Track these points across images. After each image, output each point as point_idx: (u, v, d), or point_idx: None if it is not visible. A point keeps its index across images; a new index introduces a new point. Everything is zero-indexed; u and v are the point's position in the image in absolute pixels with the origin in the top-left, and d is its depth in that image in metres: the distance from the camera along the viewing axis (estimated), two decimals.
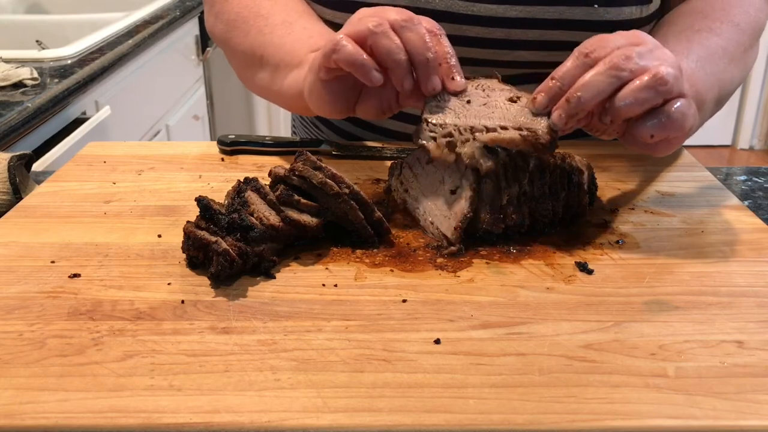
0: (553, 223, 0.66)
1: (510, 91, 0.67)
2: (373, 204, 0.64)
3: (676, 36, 0.77)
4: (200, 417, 0.44)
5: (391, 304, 0.56)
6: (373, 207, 0.64)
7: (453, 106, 0.64)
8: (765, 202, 0.78)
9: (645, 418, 0.44)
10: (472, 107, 0.64)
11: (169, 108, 1.95)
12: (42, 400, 0.45)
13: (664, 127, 0.59)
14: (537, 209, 0.65)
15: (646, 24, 0.82)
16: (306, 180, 0.63)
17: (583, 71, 0.59)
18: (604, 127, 0.61)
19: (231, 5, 0.85)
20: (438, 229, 0.65)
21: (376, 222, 0.64)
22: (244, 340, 0.51)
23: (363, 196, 0.63)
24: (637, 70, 0.58)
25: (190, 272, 0.60)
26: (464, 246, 0.64)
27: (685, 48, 0.74)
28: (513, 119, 0.62)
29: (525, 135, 0.60)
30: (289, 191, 0.63)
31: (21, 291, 0.58)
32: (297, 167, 0.63)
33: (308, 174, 0.63)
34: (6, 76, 1.28)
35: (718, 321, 0.54)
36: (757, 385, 0.47)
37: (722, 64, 0.75)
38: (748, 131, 3.66)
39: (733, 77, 0.77)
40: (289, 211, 0.62)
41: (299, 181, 0.63)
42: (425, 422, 0.44)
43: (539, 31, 0.79)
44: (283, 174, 0.64)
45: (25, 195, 0.76)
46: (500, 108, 0.64)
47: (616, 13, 0.79)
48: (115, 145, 0.89)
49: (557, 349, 0.50)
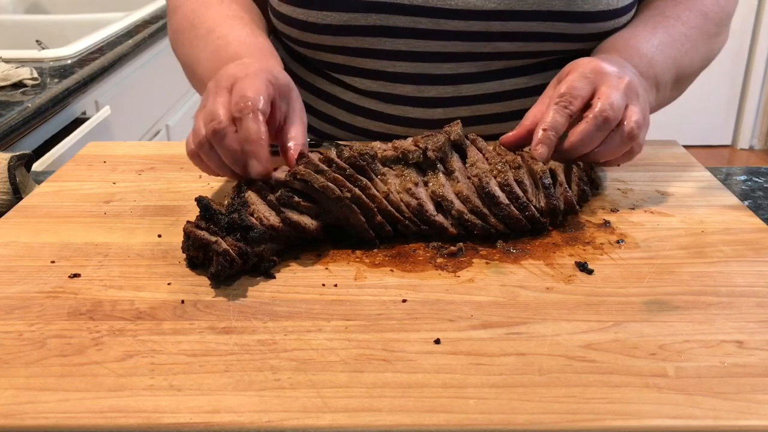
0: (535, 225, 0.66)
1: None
2: (374, 207, 0.64)
3: (645, 21, 0.83)
4: (200, 417, 0.44)
5: (391, 304, 0.56)
6: (374, 210, 0.64)
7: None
8: (765, 202, 0.78)
9: (645, 418, 0.44)
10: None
11: (169, 108, 1.95)
12: (42, 400, 0.45)
13: (629, 157, 0.72)
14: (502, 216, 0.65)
15: (623, 14, 0.83)
16: (308, 184, 0.63)
17: (568, 120, 0.68)
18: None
19: (176, 15, 0.86)
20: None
21: (377, 225, 0.64)
22: (244, 340, 0.51)
23: (365, 200, 0.63)
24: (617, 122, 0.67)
25: (190, 272, 0.60)
26: (464, 246, 0.64)
27: (649, 33, 0.80)
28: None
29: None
30: (289, 193, 0.63)
31: (21, 291, 0.58)
32: (299, 170, 0.63)
33: (310, 178, 0.62)
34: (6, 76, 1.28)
35: (718, 321, 0.54)
36: (757, 385, 0.47)
37: (683, 49, 0.82)
38: (748, 131, 3.66)
39: (693, 62, 0.84)
40: (289, 213, 0.62)
41: (301, 185, 0.63)
42: (425, 422, 0.44)
43: (518, 23, 0.80)
44: (285, 178, 0.64)
45: (25, 195, 0.76)
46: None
47: (594, 4, 0.80)
48: (115, 145, 0.89)
49: (557, 349, 0.50)
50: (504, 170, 0.67)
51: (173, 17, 0.87)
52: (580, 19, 0.79)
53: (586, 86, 0.68)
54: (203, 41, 0.80)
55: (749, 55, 3.52)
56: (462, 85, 0.85)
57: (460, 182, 0.66)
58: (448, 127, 0.70)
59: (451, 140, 0.69)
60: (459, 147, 0.70)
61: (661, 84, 0.79)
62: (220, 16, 0.82)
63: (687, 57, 0.82)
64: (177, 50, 0.87)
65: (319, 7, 0.80)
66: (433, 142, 0.67)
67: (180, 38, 0.85)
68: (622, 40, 0.80)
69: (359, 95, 0.89)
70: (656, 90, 0.79)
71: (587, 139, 0.67)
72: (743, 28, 3.46)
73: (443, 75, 0.84)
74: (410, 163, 0.67)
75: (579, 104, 0.68)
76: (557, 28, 0.80)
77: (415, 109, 0.87)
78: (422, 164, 0.67)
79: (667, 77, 0.80)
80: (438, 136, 0.68)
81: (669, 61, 0.80)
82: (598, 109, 0.66)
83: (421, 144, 0.67)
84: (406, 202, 0.65)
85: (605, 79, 0.68)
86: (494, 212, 0.65)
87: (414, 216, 0.65)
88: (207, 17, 0.82)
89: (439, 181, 0.66)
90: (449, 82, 0.85)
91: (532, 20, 0.79)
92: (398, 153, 0.67)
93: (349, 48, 0.83)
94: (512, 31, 0.80)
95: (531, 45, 0.82)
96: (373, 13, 0.80)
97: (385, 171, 0.67)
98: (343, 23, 0.80)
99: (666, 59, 0.79)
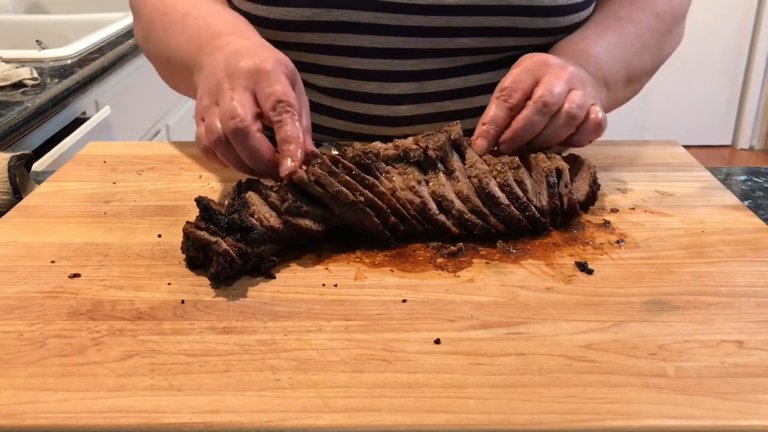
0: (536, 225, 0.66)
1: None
2: (387, 209, 0.64)
3: (596, 23, 0.85)
4: (200, 417, 0.44)
5: (391, 304, 0.56)
6: (387, 212, 0.64)
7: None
8: (765, 202, 0.78)
9: (645, 418, 0.44)
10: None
11: (169, 108, 1.95)
12: (42, 400, 0.45)
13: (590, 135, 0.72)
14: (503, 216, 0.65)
15: (583, 9, 0.84)
16: (324, 188, 0.62)
17: (508, 113, 0.70)
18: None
19: (146, 9, 0.84)
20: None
21: (391, 226, 0.64)
22: (244, 340, 0.51)
23: (378, 202, 0.63)
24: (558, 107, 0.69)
25: (190, 272, 0.60)
26: (464, 246, 0.64)
27: (599, 36, 0.83)
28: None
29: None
30: (298, 203, 0.62)
31: (21, 291, 0.58)
32: (315, 172, 0.62)
33: (326, 181, 0.62)
34: (6, 76, 1.28)
35: (718, 321, 0.54)
36: (757, 385, 0.47)
37: (633, 50, 0.84)
38: (748, 131, 3.66)
39: (644, 61, 0.86)
40: (293, 219, 0.62)
41: (319, 191, 0.62)
42: (425, 422, 0.44)
43: (479, 17, 0.80)
44: (307, 180, 0.62)
45: (25, 195, 0.76)
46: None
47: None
48: (115, 145, 0.89)
49: (557, 349, 0.50)
50: (503, 171, 0.67)
51: (142, 14, 0.85)
52: (540, 13, 0.81)
53: (528, 78, 0.70)
54: (179, 25, 0.78)
55: (749, 55, 3.52)
56: (426, 82, 0.85)
57: (461, 182, 0.66)
58: (447, 127, 0.70)
59: (451, 140, 0.69)
60: (457, 147, 0.70)
61: (611, 83, 0.81)
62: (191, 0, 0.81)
63: (637, 57, 0.85)
64: (150, 45, 0.85)
65: (281, 3, 0.80)
66: (433, 141, 0.67)
67: (152, 30, 0.83)
68: (570, 44, 0.82)
69: (322, 94, 0.89)
70: (606, 89, 0.81)
71: (528, 125, 0.69)
72: (743, 28, 3.46)
73: (407, 71, 0.85)
74: (411, 162, 0.67)
75: (519, 96, 0.70)
76: (518, 22, 0.81)
77: (380, 107, 0.87)
78: (423, 163, 0.67)
79: (618, 77, 0.82)
80: (439, 135, 0.68)
81: (618, 62, 0.82)
82: (537, 96, 0.68)
83: (421, 143, 0.67)
84: (410, 200, 0.65)
85: (547, 70, 0.71)
86: (494, 213, 0.65)
87: (418, 214, 0.65)
88: (178, 4, 0.81)
89: (440, 180, 0.66)
90: (413, 78, 0.85)
91: (494, 15, 0.80)
92: (399, 151, 0.67)
93: (311, 45, 0.83)
94: (474, 26, 0.81)
95: (493, 40, 0.83)
96: (335, 8, 0.80)
97: (388, 169, 0.67)
98: (305, 19, 0.80)
99: (615, 60, 0.82)
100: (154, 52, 0.85)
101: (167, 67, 0.83)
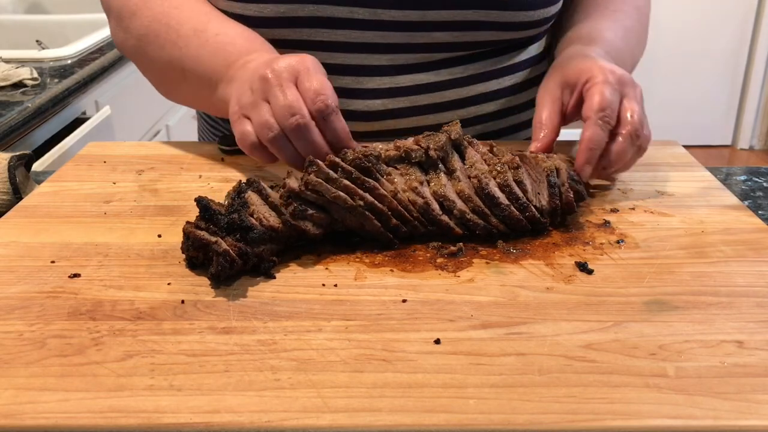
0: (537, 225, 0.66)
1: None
2: (388, 212, 0.63)
3: (599, 13, 0.89)
4: (200, 417, 0.44)
5: (391, 304, 0.56)
6: (388, 214, 0.63)
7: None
8: (765, 202, 0.78)
9: (645, 418, 0.44)
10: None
11: (169, 108, 1.95)
12: (42, 400, 0.45)
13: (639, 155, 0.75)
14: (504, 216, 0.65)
15: (554, 4, 0.86)
16: (320, 194, 0.62)
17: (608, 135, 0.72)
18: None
19: (141, 19, 0.83)
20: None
21: (393, 228, 0.64)
22: (244, 340, 0.51)
23: (378, 206, 0.63)
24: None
25: (190, 272, 0.60)
26: (464, 246, 0.64)
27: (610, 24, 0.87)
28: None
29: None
30: (303, 207, 0.62)
31: (21, 291, 0.58)
32: (310, 180, 0.62)
33: (321, 188, 0.62)
34: (6, 76, 1.28)
35: (718, 321, 0.54)
36: (757, 385, 0.47)
37: (633, 42, 0.89)
38: (748, 131, 3.66)
39: (636, 54, 0.91)
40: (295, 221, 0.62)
41: (314, 197, 0.62)
42: (425, 422, 0.44)
43: (453, 12, 0.81)
44: (298, 189, 0.62)
45: (25, 195, 0.76)
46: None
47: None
48: (115, 145, 0.89)
49: (557, 349, 0.50)
50: (503, 171, 0.67)
51: (133, 22, 0.84)
52: (512, 7, 0.82)
53: (617, 99, 0.72)
54: (195, 40, 0.79)
55: (749, 55, 3.52)
56: (399, 76, 0.86)
57: (462, 182, 0.66)
58: (447, 127, 0.70)
59: (451, 139, 0.69)
60: (457, 146, 0.70)
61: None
62: (201, 13, 0.81)
63: (638, 47, 0.90)
64: (150, 53, 0.84)
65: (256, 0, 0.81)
66: (434, 142, 0.67)
67: (155, 41, 0.82)
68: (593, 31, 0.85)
69: None
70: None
71: (624, 155, 0.71)
72: (743, 28, 3.46)
73: (381, 66, 0.85)
74: (413, 163, 0.67)
75: (615, 118, 0.71)
76: (491, 16, 0.82)
77: (354, 101, 0.87)
78: (424, 164, 0.67)
79: (628, 67, 0.86)
80: (439, 135, 0.68)
81: (627, 50, 0.86)
82: (630, 127, 0.71)
83: (422, 143, 0.67)
84: (413, 201, 0.65)
85: (625, 89, 0.73)
86: (494, 213, 0.65)
87: (421, 215, 0.65)
88: (185, 17, 0.81)
89: (441, 180, 0.66)
90: (387, 73, 0.86)
91: (466, 8, 0.81)
92: (401, 152, 0.67)
93: (286, 41, 0.83)
94: (447, 20, 0.82)
95: (467, 35, 0.84)
96: (310, 4, 0.80)
97: (390, 170, 0.67)
98: (280, 15, 0.81)
99: (626, 48, 0.86)
100: (155, 61, 0.84)
101: (170, 75, 0.83)
